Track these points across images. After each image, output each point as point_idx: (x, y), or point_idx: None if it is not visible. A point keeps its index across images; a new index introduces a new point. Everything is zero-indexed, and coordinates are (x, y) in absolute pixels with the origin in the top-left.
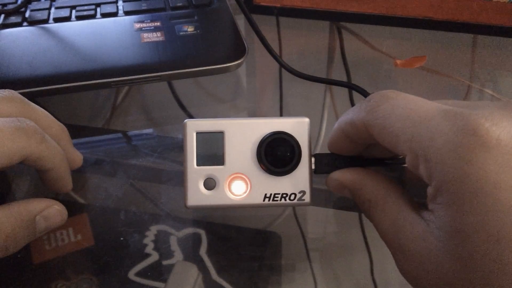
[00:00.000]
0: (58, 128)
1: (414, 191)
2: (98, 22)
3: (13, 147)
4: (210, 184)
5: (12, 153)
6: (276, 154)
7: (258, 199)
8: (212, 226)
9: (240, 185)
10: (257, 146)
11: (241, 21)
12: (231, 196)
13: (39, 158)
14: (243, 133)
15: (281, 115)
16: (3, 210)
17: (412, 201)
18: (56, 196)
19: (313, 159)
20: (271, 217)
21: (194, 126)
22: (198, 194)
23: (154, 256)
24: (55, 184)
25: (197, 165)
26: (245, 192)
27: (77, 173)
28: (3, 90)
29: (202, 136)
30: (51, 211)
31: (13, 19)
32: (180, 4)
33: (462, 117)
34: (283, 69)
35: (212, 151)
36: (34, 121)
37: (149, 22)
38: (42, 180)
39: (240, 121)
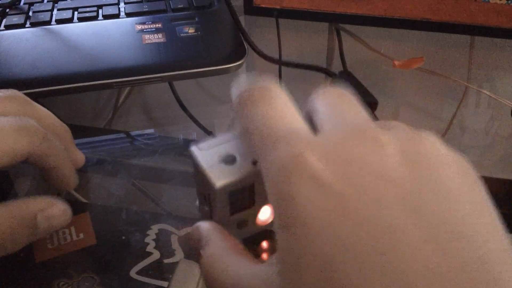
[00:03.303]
0: (60, 127)
1: None
2: (100, 23)
3: (15, 145)
4: (242, 224)
5: (14, 151)
6: None
7: None
8: None
9: (266, 210)
10: None
11: (241, 22)
12: (259, 223)
13: (42, 156)
14: None
15: None
16: (1, 208)
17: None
18: (58, 195)
19: None
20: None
21: (226, 188)
22: (231, 233)
23: (155, 255)
24: (58, 182)
25: (231, 215)
26: (270, 217)
27: (79, 173)
28: (6, 89)
29: (233, 193)
30: (54, 211)
31: (16, 20)
32: (181, 6)
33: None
34: (282, 70)
35: (244, 199)
36: (37, 120)
37: (150, 24)
38: (45, 178)
39: None
